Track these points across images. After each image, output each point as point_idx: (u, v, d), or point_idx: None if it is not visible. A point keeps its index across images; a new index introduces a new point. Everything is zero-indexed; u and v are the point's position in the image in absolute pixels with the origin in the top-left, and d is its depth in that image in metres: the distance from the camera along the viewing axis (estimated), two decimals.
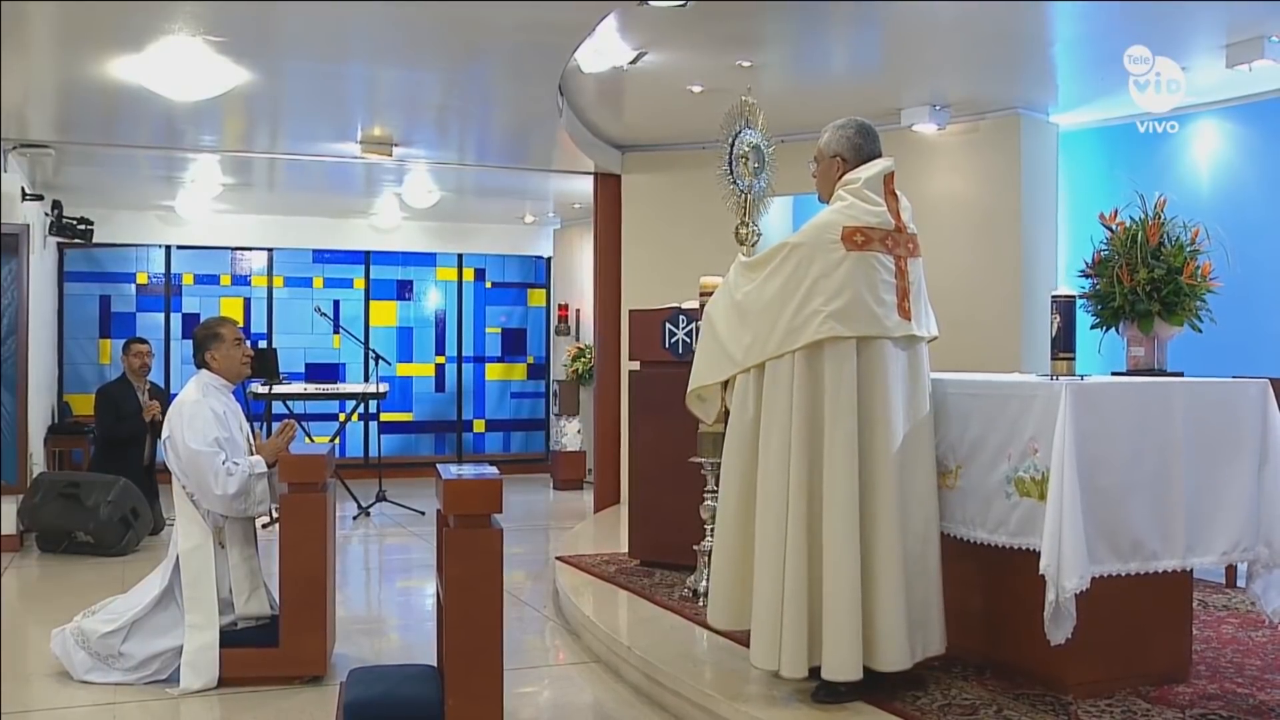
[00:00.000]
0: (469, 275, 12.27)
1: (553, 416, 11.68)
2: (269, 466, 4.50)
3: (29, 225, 7.99)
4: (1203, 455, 3.60)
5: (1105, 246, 6.22)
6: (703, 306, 4.26)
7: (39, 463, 8.34)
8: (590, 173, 9.00)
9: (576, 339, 11.77)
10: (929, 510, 3.71)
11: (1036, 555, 3.36)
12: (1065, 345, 3.71)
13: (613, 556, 6.27)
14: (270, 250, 11.55)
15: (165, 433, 4.55)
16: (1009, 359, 6.94)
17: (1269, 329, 6.49)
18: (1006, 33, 5.80)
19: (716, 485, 4.91)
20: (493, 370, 12.42)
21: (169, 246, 11.24)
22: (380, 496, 9.36)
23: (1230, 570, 5.21)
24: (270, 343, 11.28)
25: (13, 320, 7.61)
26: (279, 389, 9.54)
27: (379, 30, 5.42)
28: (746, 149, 4.75)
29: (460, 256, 12.21)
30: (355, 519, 8.93)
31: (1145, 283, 5.92)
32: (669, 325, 5.83)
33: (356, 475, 10.17)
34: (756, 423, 3.72)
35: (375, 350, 9.87)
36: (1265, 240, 6.52)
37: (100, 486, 7.30)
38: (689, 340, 5.65)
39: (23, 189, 8.04)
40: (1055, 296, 3.77)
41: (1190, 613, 4.00)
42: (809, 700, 3.62)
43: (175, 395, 4.81)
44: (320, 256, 11.73)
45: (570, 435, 11.01)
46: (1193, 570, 3.78)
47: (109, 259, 11.03)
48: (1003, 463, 3.61)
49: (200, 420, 4.46)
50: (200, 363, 4.73)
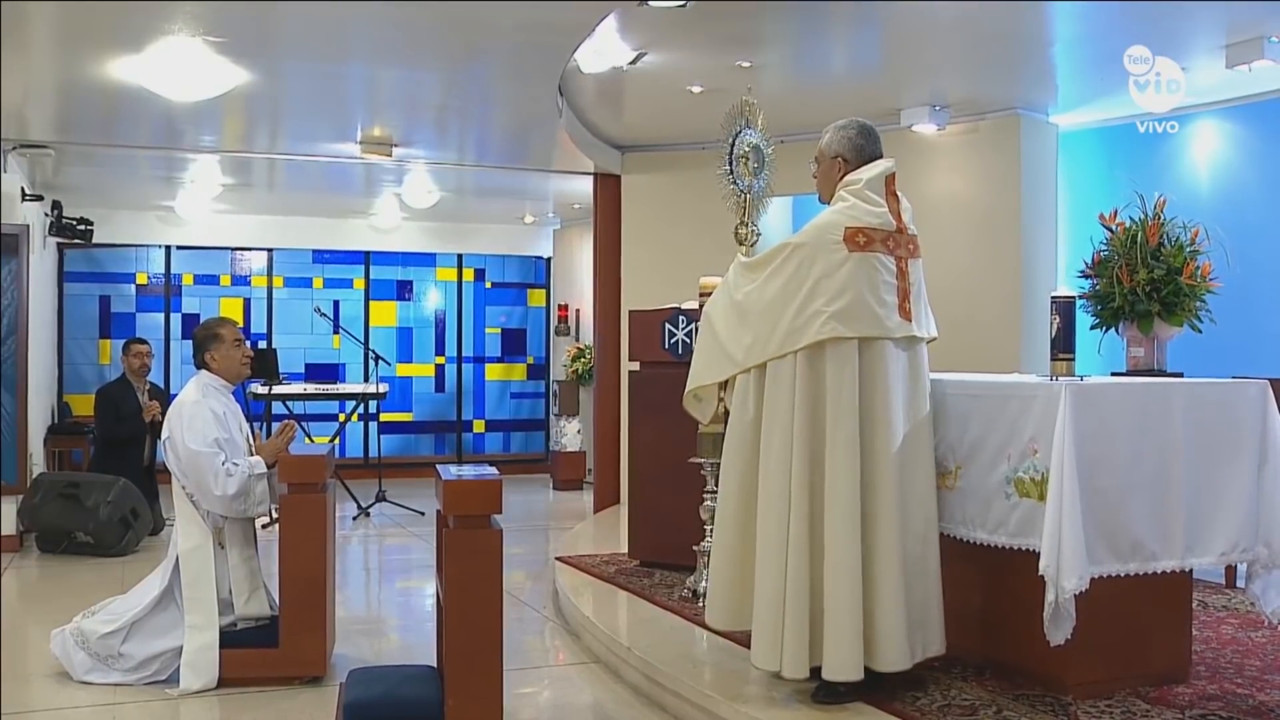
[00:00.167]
0: (469, 275, 12.27)
1: (552, 417, 11.68)
2: (269, 467, 4.49)
3: (29, 225, 7.99)
4: (1202, 456, 3.60)
5: (1105, 247, 6.23)
6: (702, 307, 4.25)
7: (39, 463, 8.33)
8: (590, 173, 8.99)
9: (576, 339, 11.77)
10: (929, 510, 3.71)
11: (1036, 556, 3.36)
12: (1065, 346, 3.71)
13: (612, 557, 6.27)
14: (270, 250, 11.55)
15: (165, 433, 4.55)
16: (1009, 359, 6.93)
17: (1269, 329, 6.49)
18: (1006, 33, 5.80)
19: (716, 485, 4.91)
20: (492, 370, 12.42)
21: (169, 247, 11.24)
22: (380, 497, 9.36)
23: (1230, 571, 5.21)
24: (270, 343, 11.28)
25: (13, 320, 7.60)
26: (279, 389, 9.54)
27: (379, 30, 5.42)
28: (747, 149, 4.74)
29: (460, 257, 12.21)
30: (355, 519, 8.92)
31: (1145, 283, 5.92)
32: (669, 326, 5.84)
33: (356, 475, 10.16)
34: (757, 423, 3.72)
35: (375, 350, 9.87)
36: (1265, 240, 6.52)
37: (100, 487, 7.30)
38: (689, 341, 5.65)
39: (22, 189, 8.04)
40: (1055, 297, 3.77)
41: (1190, 613, 4.00)
42: (809, 700, 3.62)
43: (175, 396, 4.81)
44: (320, 257, 11.73)
45: (570, 435, 11.01)
46: (1192, 571, 3.78)
47: (109, 259, 11.03)
48: (1002, 463, 3.61)
49: (200, 421, 4.46)
50: (200, 363, 4.72)
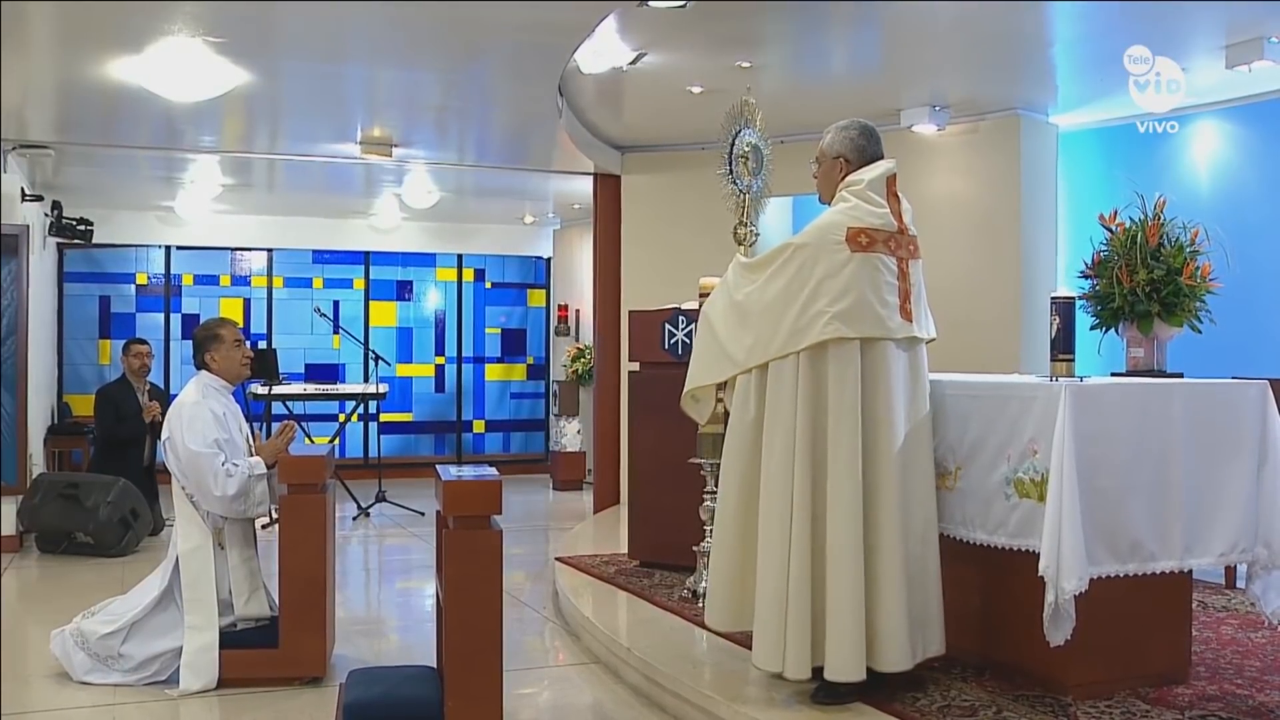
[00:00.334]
0: (469, 276, 12.27)
1: (552, 417, 11.67)
2: (269, 468, 4.49)
3: (29, 226, 7.99)
4: (1202, 456, 3.60)
5: (1105, 247, 6.23)
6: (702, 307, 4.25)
7: (39, 463, 8.33)
8: (590, 173, 8.99)
9: (576, 339, 11.76)
10: (929, 510, 3.71)
11: (1036, 556, 3.35)
12: (1065, 347, 3.71)
13: (612, 557, 6.27)
14: (270, 251, 11.55)
15: (165, 434, 4.55)
16: (1008, 360, 6.93)
17: (1268, 330, 6.49)
18: (1006, 33, 5.80)
19: (716, 486, 4.91)
20: (492, 371, 12.42)
21: (169, 247, 11.24)
22: (380, 497, 9.36)
23: (1230, 571, 5.21)
24: (270, 343, 11.27)
25: (12, 321, 7.60)
26: (279, 390, 9.54)
27: (378, 31, 5.42)
28: (746, 149, 4.74)
29: (460, 257, 12.21)
30: (355, 520, 8.92)
31: (1145, 283, 5.92)
32: (668, 326, 5.84)
33: (356, 476, 10.16)
34: (757, 424, 3.72)
35: (375, 351, 9.87)
36: (1265, 241, 6.52)
37: (100, 487, 7.29)
38: (688, 341, 5.65)
39: (22, 189, 8.03)
40: (1054, 298, 3.77)
41: (1190, 614, 4.00)
42: (808, 701, 3.62)
43: (175, 396, 4.81)
44: (320, 257, 11.73)
45: (570, 436, 11.01)
46: (1192, 571, 3.79)
47: (109, 259, 11.03)
48: (1002, 464, 3.61)
49: (200, 422, 4.46)
50: (200, 364, 4.72)
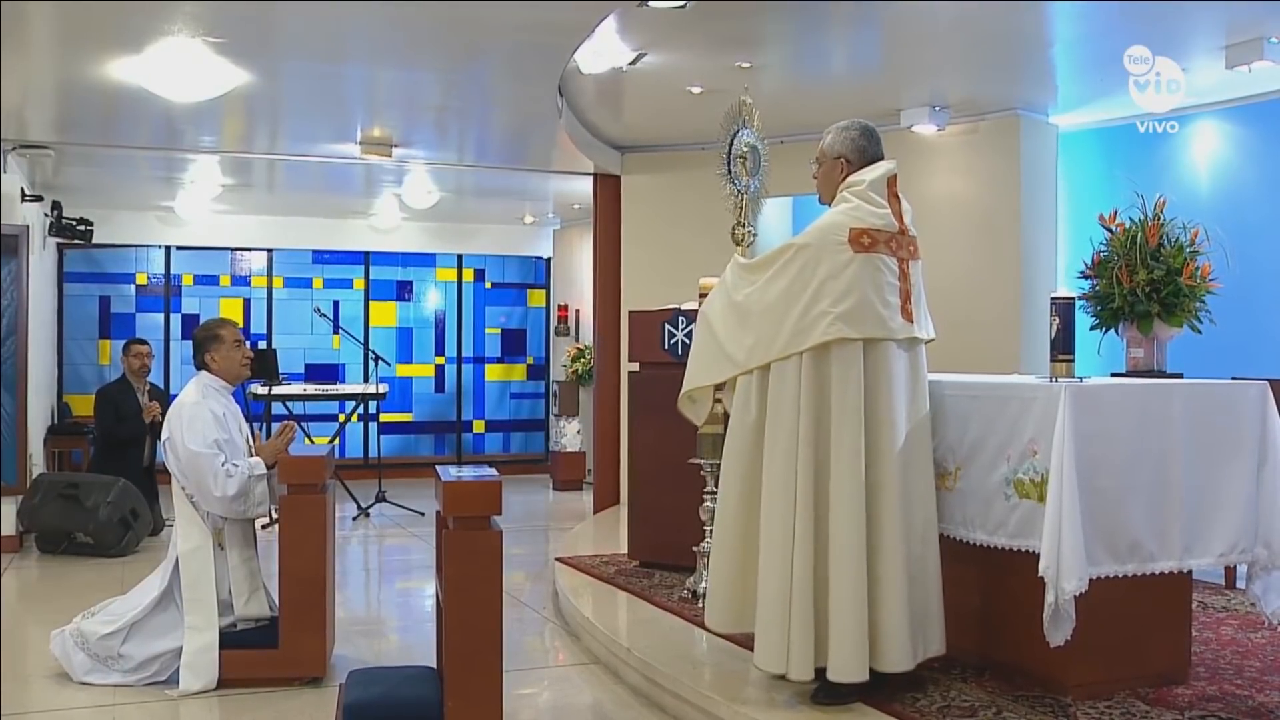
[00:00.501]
0: (468, 276, 12.27)
1: (552, 417, 11.67)
2: (269, 468, 4.49)
3: (28, 226, 7.99)
4: (1201, 457, 3.60)
5: (1105, 247, 6.23)
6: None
7: (39, 463, 8.33)
8: (590, 173, 8.99)
9: (576, 339, 11.76)
10: (929, 510, 3.72)
11: (1036, 557, 3.35)
12: (1064, 347, 3.71)
13: (612, 557, 6.27)
14: (270, 251, 11.54)
15: (165, 434, 4.54)
16: (1008, 360, 6.93)
17: (1268, 330, 6.49)
18: (1006, 33, 5.80)
19: (716, 486, 4.91)
20: (492, 371, 12.42)
21: (169, 247, 11.24)
22: (380, 497, 9.36)
23: (1230, 572, 5.21)
24: (270, 343, 11.27)
25: (12, 321, 7.60)
26: (278, 390, 9.54)
27: (378, 31, 5.42)
28: (744, 149, 4.74)
29: (460, 257, 12.20)
30: (355, 520, 8.92)
31: (1145, 284, 5.93)
32: (668, 326, 5.83)
33: (356, 476, 10.16)
34: (759, 425, 3.70)
35: (375, 351, 9.87)
36: (1265, 241, 6.52)
37: (100, 487, 7.29)
38: (688, 341, 5.63)
39: (22, 190, 8.03)
40: (1054, 298, 3.77)
41: (1189, 614, 4.00)
42: (809, 701, 3.62)
43: (175, 396, 4.81)
44: (320, 257, 11.73)
45: (570, 436, 11.01)
46: (1191, 572, 3.78)
47: (108, 260, 11.03)
48: (1002, 464, 3.61)
49: (200, 422, 4.46)
50: (200, 364, 4.72)
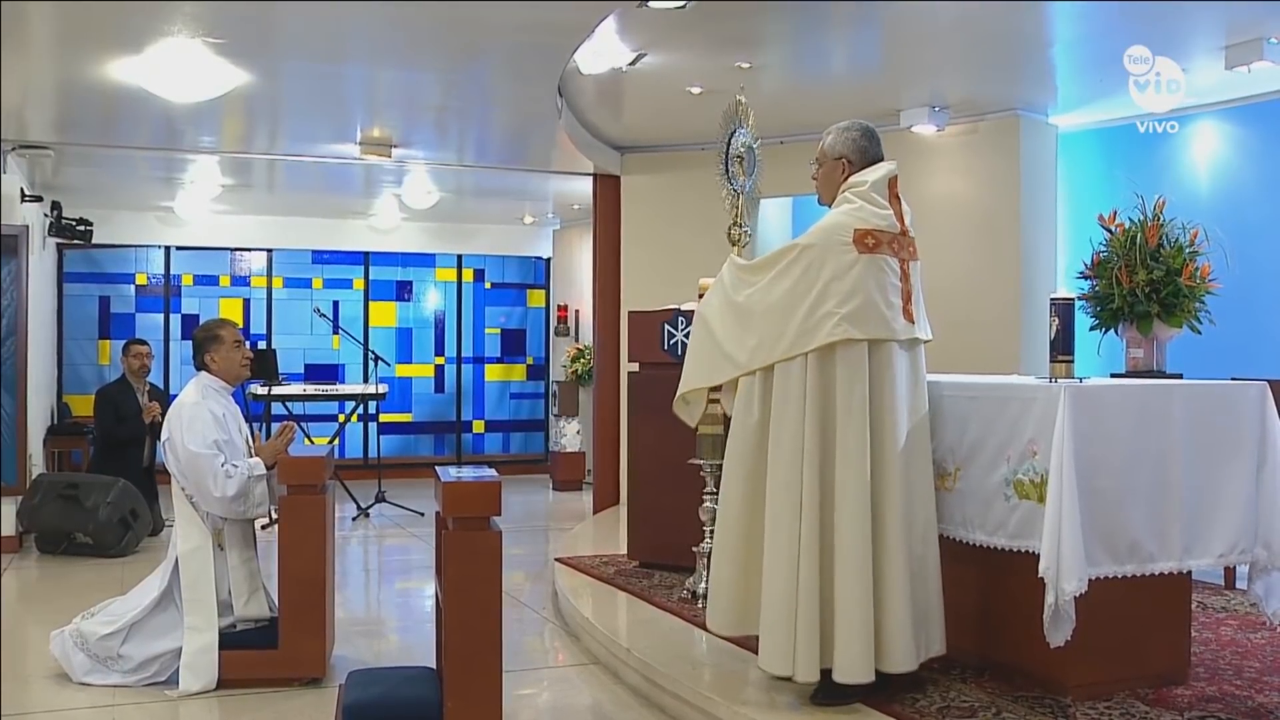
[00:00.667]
0: (468, 276, 12.27)
1: (552, 417, 11.67)
2: (268, 468, 4.49)
3: (28, 226, 7.99)
4: (1201, 457, 3.60)
5: (1104, 248, 6.23)
6: None
7: (38, 464, 8.33)
8: (589, 174, 8.99)
9: (576, 340, 11.76)
10: (929, 510, 3.72)
11: (1035, 557, 3.35)
12: (1064, 348, 3.71)
13: (612, 558, 6.27)
14: (269, 251, 11.54)
15: (164, 435, 4.54)
16: (1008, 360, 6.93)
17: (1268, 330, 6.49)
18: (1006, 33, 5.80)
19: (716, 487, 4.91)
20: (492, 371, 12.42)
21: (168, 247, 11.23)
22: (379, 497, 9.36)
23: (1229, 572, 5.21)
24: (269, 344, 11.27)
25: (12, 321, 7.60)
26: (278, 390, 9.54)
27: (378, 31, 5.42)
28: (741, 149, 4.75)
29: (460, 257, 12.20)
30: (354, 520, 8.92)
31: (1144, 284, 5.93)
32: (668, 327, 5.83)
33: (356, 476, 10.16)
34: (761, 426, 3.68)
35: (374, 351, 9.86)
36: (1264, 241, 6.52)
37: (99, 488, 7.29)
38: (688, 342, 5.63)
39: (22, 190, 8.03)
40: (1054, 299, 3.77)
41: (1189, 615, 4.00)
42: (809, 702, 3.62)
43: (175, 396, 4.81)
44: (319, 257, 11.72)
45: (569, 436, 11.01)
46: (1191, 572, 3.78)
47: (108, 260, 11.03)
48: (1002, 465, 3.61)
49: (199, 423, 4.46)
50: (199, 364, 4.72)
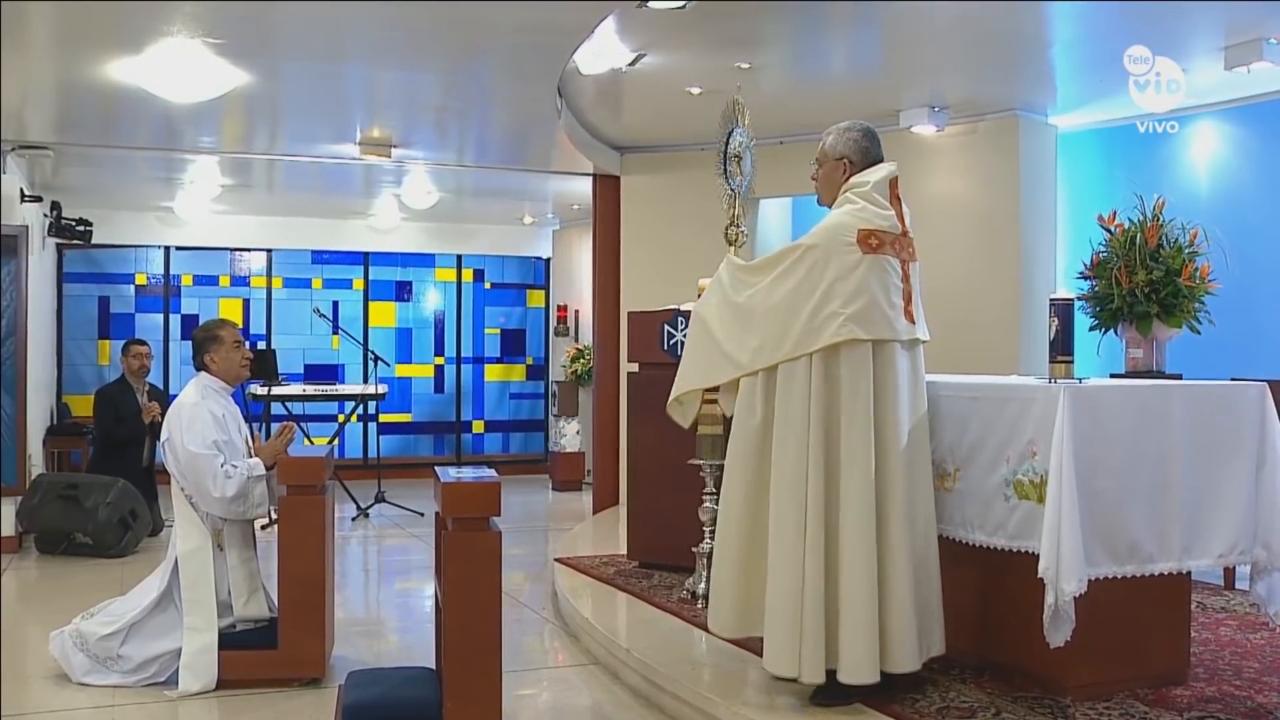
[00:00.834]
0: (468, 276, 12.27)
1: (552, 417, 11.67)
2: (268, 469, 4.49)
3: (28, 226, 7.99)
4: (1201, 458, 3.60)
5: (1104, 248, 6.24)
6: None
7: (38, 464, 8.33)
8: (589, 174, 8.99)
9: (575, 340, 11.76)
10: (929, 510, 3.72)
11: (1035, 558, 3.35)
12: (1063, 348, 3.71)
13: (611, 558, 6.27)
14: (269, 251, 11.54)
15: (164, 435, 4.54)
16: (1007, 361, 6.93)
17: (1268, 330, 6.49)
18: (1006, 33, 5.80)
19: (715, 487, 4.91)
20: (492, 371, 12.41)
21: (168, 247, 11.23)
22: (379, 498, 9.36)
23: (1229, 573, 5.21)
24: (269, 344, 11.27)
25: (12, 321, 7.60)
26: (278, 390, 9.54)
27: (378, 31, 5.42)
28: (739, 149, 4.75)
29: (459, 257, 12.20)
30: (354, 520, 8.92)
31: (1144, 284, 5.93)
32: (667, 327, 5.83)
33: (355, 476, 10.16)
34: (764, 426, 3.67)
35: (374, 351, 9.86)
36: (1264, 242, 6.52)
37: (99, 488, 7.29)
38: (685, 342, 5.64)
39: (21, 190, 8.03)
40: (1053, 300, 3.77)
41: (1188, 615, 4.00)
42: (808, 703, 3.62)
43: (174, 397, 4.81)
44: (319, 257, 11.72)
45: (569, 436, 11.01)
46: (1191, 573, 3.78)
47: (108, 260, 11.03)
48: (1001, 465, 3.61)
49: (199, 423, 4.46)
50: (199, 365, 4.72)
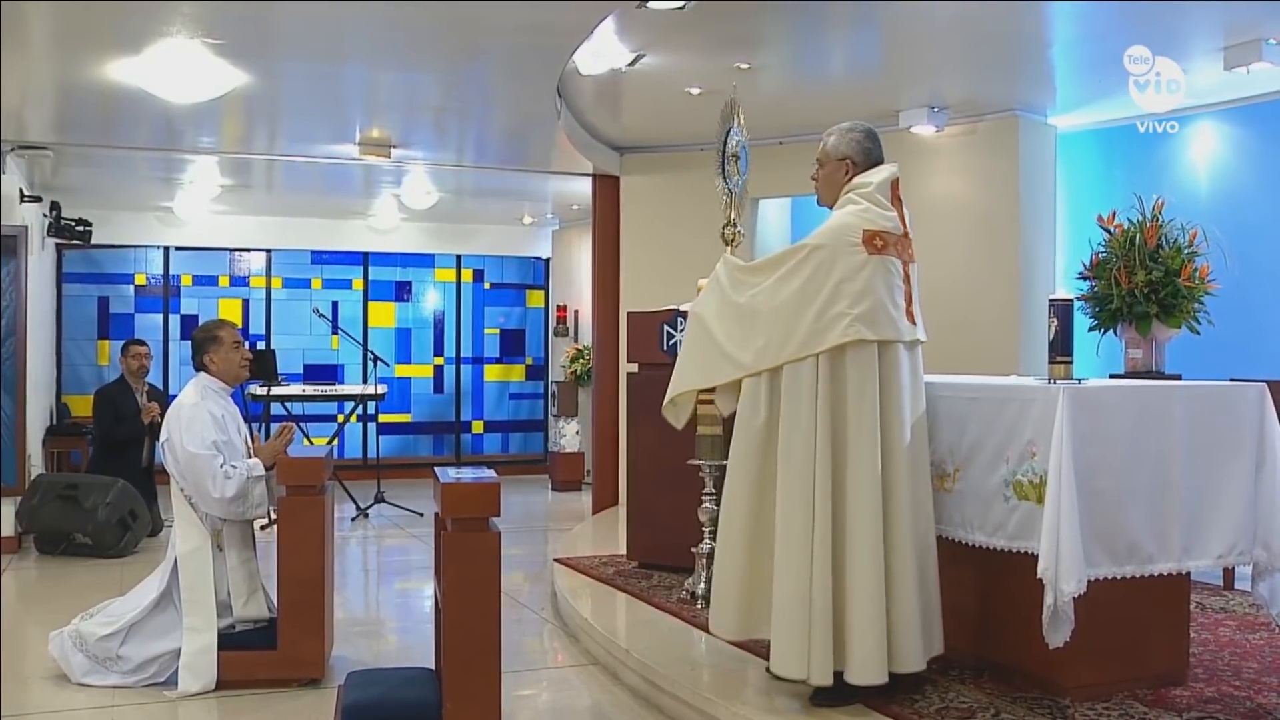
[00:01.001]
0: (467, 276, 12.26)
1: (551, 417, 11.67)
2: (267, 469, 4.49)
3: (27, 227, 7.99)
4: (1200, 458, 3.60)
5: (1103, 248, 6.24)
6: None
7: (37, 464, 8.33)
8: (589, 174, 8.99)
9: (575, 340, 11.76)
10: (929, 510, 3.73)
11: (1034, 558, 3.35)
12: (1063, 349, 3.71)
13: (611, 558, 6.27)
14: (269, 251, 11.54)
15: (164, 436, 4.54)
16: (1007, 361, 6.93)
17: (1267, 331, 6.49)
18: (1005, 34, 5.80)
19: (715, 488, 4.91)
20: (491, 371, 12.41)
21: (167, 248, 11.23)
22: (379, 498, 9.36)
23: (1228, 573, 5.21)
24: (269, 344, 11.26)
25: (11, 321, 7.59)
26: (277, 390, 9.53)
27: (377, 31, 5.42)
28: (736, 148, 4.75)
29: (459, 258, 12.20)
30: (354, 520, 8.92)
31: (1143, 285, 5.93)
32: (667, 327, 5.83)
33: (355, 476, 10.16)
34: (767, 428, 3.66)
35: (374, 351, 9.86)
36: (1263, 242, 6.52)
37: (99, 488, 7.29)
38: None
39: (21, 190, 8.03)
40: (1053, 300, 3.77)
41: (1188, 615, 4.00)
42: (807, 703, 3.62)
43: (174, 397, 4.81)
44: (319, 258, 11.72)
45: (569, 436, 11.01)
46: (1190, 573, 3.78)
47: (107, 260, 11.03)
48: (1001, 465, 3.61)
49: (198, 423, 4.46)
50: (199, 365, 4.72)
